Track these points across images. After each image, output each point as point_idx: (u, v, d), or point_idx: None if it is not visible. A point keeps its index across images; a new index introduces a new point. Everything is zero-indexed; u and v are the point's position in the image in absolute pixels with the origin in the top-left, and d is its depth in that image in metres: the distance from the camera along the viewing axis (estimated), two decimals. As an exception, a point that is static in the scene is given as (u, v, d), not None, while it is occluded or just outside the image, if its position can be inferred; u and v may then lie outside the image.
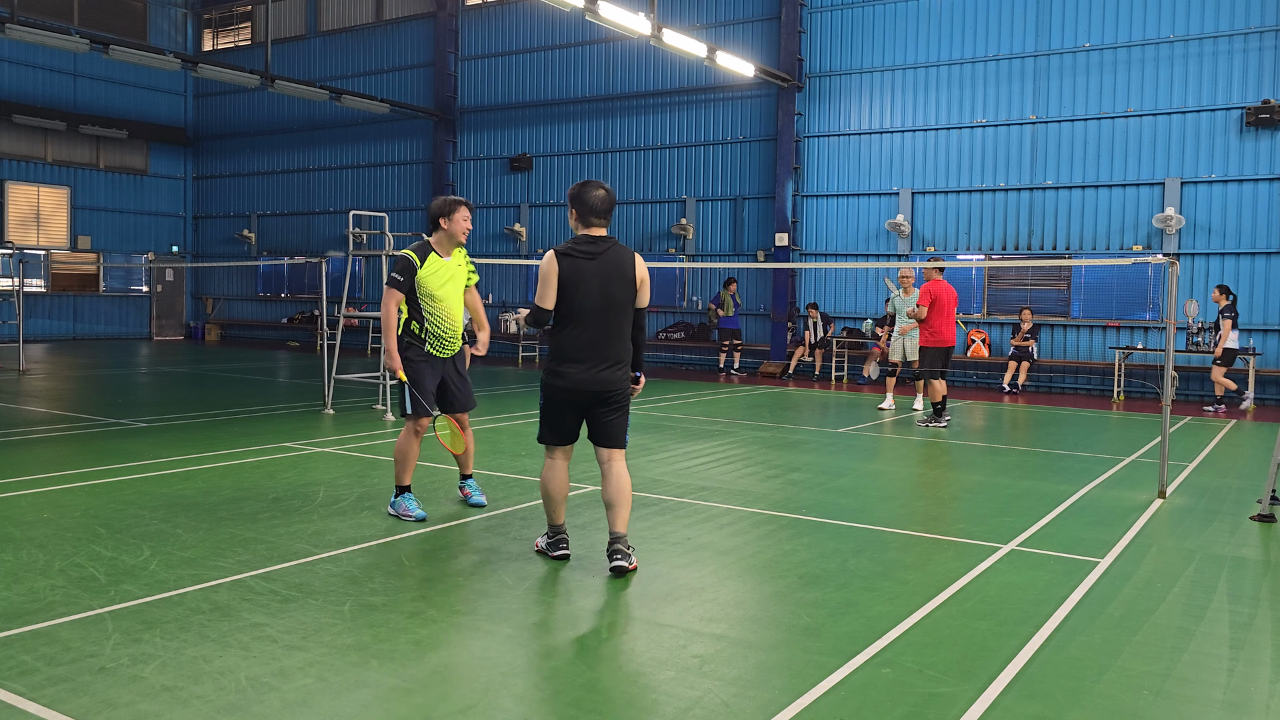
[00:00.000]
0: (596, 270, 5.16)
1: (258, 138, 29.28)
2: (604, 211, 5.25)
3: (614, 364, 5.25)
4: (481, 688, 3.77)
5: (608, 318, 5.20)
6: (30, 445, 9.47)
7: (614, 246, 5.24)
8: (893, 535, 6.46)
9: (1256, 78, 15.91)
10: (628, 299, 5.24)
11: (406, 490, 6.56)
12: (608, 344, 5.22)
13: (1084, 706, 3.72)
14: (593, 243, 5.21)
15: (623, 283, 5.21)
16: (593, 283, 5.15)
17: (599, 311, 5.18)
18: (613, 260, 5.20)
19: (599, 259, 5.18)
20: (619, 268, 5.20)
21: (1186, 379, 16.56)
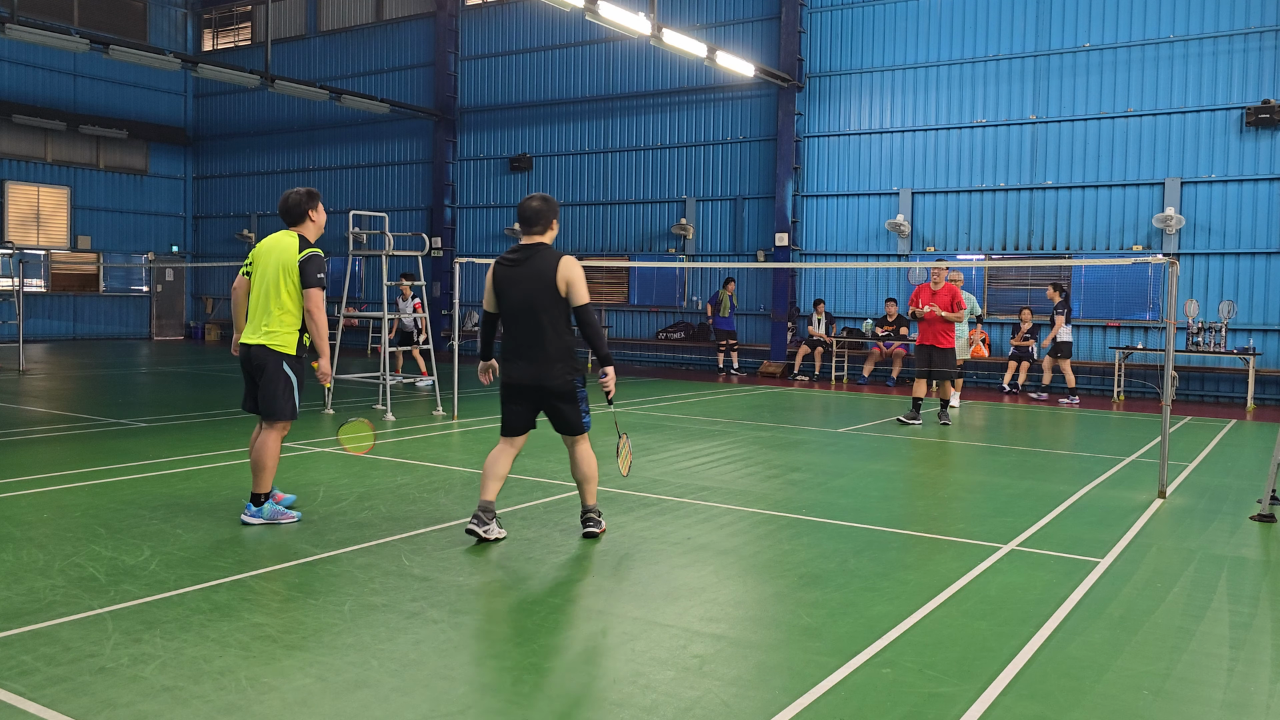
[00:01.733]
0: (520, 276, 5.74)
1: (258, 138, 29.28)
2: (528, 220, 5.81)
3: (547, 360, 5.75)
4: (482, 688, 3.76)
5: (533, 319, 5.72)
6: (30, 445, 9.47)
7: (538, 253, 5.74)
8: (893, 535, 6.46)
9: (1256, 78, 15.91)
10: (551, 301, 5.69)
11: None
12: (537, 343, 5.74)
13: (1084, 706, 3.72)
14: (519, 250, 5.80)
15: (543, 286, 5.68)
16: (517, 288, 5.74)
17: (524, 314, 5.74)
18: (535, 266, 5.71)
19: (523, 266, 5.75)
20: (540, 273, 5.69)
21: (1186, 379, 16.56)
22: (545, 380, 5.77)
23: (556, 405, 5.84)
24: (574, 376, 5.83)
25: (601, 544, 5.95)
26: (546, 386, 5.78)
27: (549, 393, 5.81)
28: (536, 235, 5.84)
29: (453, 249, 24.67)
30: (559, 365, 5.77)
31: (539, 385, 5.79)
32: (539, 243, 5.83)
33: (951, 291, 12.08)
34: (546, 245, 5.83)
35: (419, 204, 25.62)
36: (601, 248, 22.66)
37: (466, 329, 24.08)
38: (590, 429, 5.96)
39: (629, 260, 21.89)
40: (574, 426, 5.89)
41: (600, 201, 22.68)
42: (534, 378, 5.77)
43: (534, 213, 5.82)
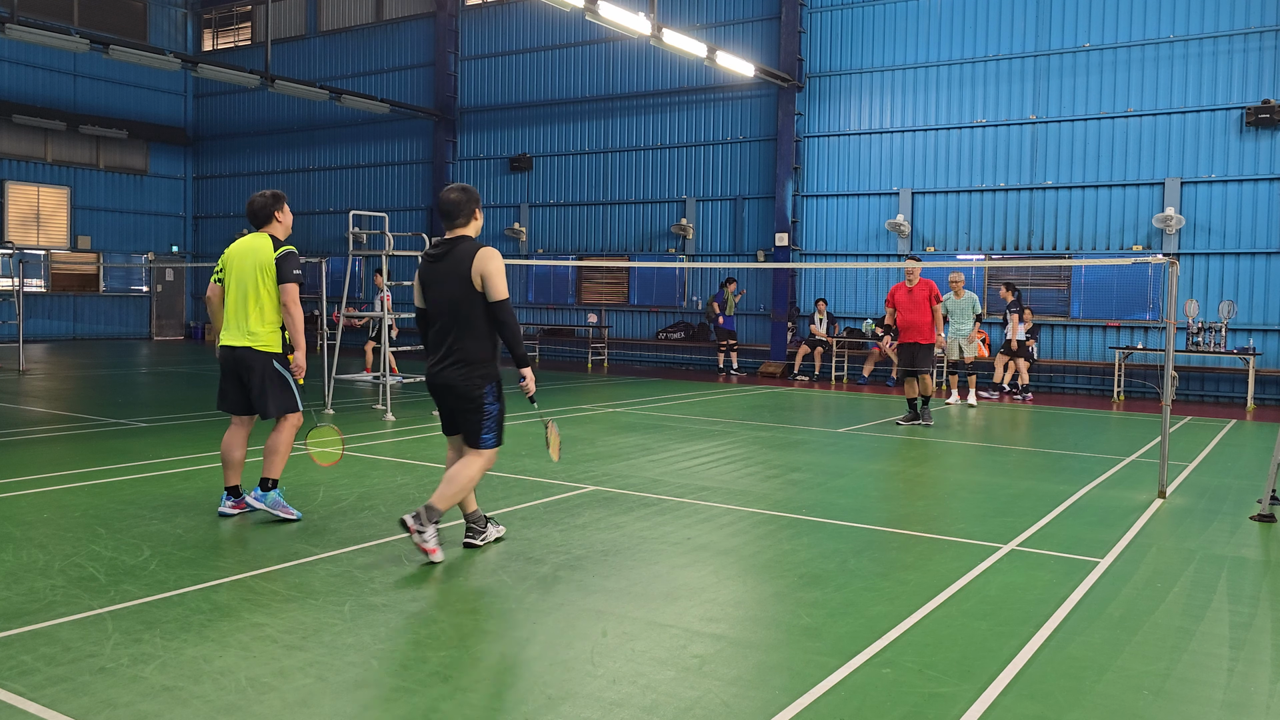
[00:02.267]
0: (441, 271, 5.41)
1: (258, 138, 29.28)
2: (447, 213, 5.47)
3: (456, 362, 5.39)
4: (482, 688, 3.76)
5: (448, 316, 5.40)
6: (30, 445, 9.47)
7: (458, 246, 5.40)
8: (893, 535, 6.46)
9: (1256, 78, 15.91)
10: (465, 296, 5.33)
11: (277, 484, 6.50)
12: (449, 342, 5.41)
13: (1084, 706, 3.72)
14: (441, 244, 5.48)
15: (458, 280, 5.33)
16: (437, 284, 5.43)
17: (442, 311, 5.43)
18: (453, 259, 5.37)
19: (443, 260, 5.41)
20: (456, 266, 5.34)
21: (1186, 379, 16.56)
22: (453, 382, 5.41)
23: (460, 410, 5.48)
24: (484, 384, 5.43)
25: (602, 544, 5.95)
26: (452, 388, 5.43)
27: (454, 395, 5.46)
28: (458, 228, 5.50)
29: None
30: (466, 368, 5.39)
31: (446, 386, 5.45)
32: (460, 235, 5.49)
33: (928, 287, 12.02)
34: (467, 238, 5.48)
35: (419, 204, 25.62)
36: (601, 248, 22.66)
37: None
38: (495, 448, 5.54)
39: (629, 260, 21.89)
40: (473, 438, 5.49)
41: (600, 201, 22.68)
42: (444, 379, 5.45)
43: (453, 204, 5.47)
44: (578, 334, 22.84)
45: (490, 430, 5.50)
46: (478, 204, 5.56)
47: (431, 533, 5.36)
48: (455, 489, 5.44)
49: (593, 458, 9.13)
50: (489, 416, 5.48)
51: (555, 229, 23.44)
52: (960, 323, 14.53)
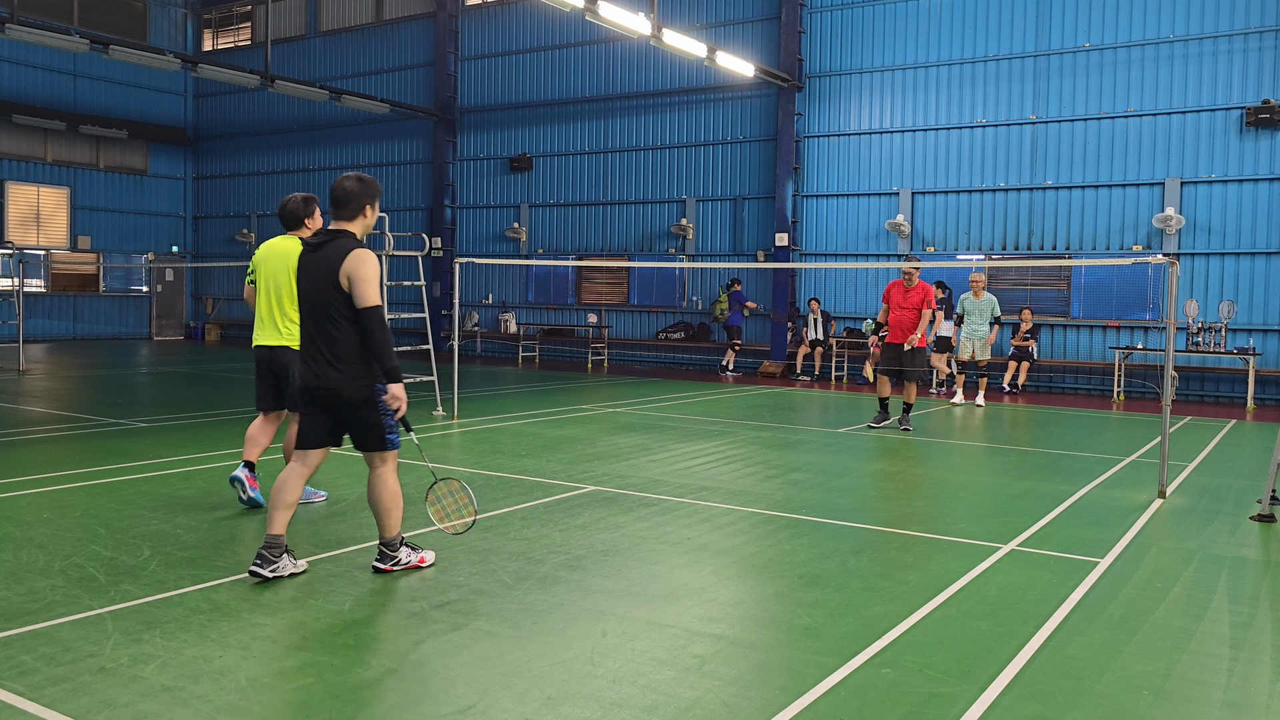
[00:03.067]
0: (314, 264, 4.98)
1: (258, 138, 29.28)
2: (336, 202, 5.02)
3: (329, 362, 4.95)
4: (481, 688, 3.77)
5: (315, 314, 4.99)
6: (30, 445, 9.47)
7: (334, 241, 4.96)
8: (893, 535, 6.46)
9: (1256, 78, 15.91)
10: (331, 296, 4.90)
11: None
12: (320, 341, 4.97)
13: (1084, 706, 3.72)
14: (320, 235, 5.05)
15: (326, 279, 4.90)
16: (308, 277, 5.00)
17: (310, 307, 5.01)
18: (327, 254, 4.93)
19: (319, 252, 4.98)
20: (328, 263, 4.91)
21: (1186, 379, 16.56)
22: (330, 384, 4.95)
23: (350, 414, 5.03)
24: (373, 381, 4.97)
25: (602, 544, 5.95)
26: (335, 390, 4.96)
27: (340, 398, 4.98)
28: (344, 221, 5.02)
29: (453, 249, 24.67)
30: (352, 366, 4.95)
31: (322, 388, 4.97)
32: (342, 229, 5.01)
33: (924, 291, 11.66)
34: (348, 234, 4.99)
35: (419, 204, 25.62)
36: (601, 248, 22.67)
37: (466, 329, 24.09)
38: (397, 448, 5.14)
39: (629, 260, 21.89)
40: (374, 441, 5.07)
41: (600, 201, 22.68)
42: (318, 380, 4.97)
43: (344, 194, 4.99)
44: (578, 334, 22.84)
45: (393, 430, 5.11)
46: (373, 199, 5.08)
47: (406, 553, 5.24)
48: (394, 510, 5.12)
49: (593, 458, 9.13)
50: (387, 413, 5.04)
51: (555, 229, 23.44)
52: (978, 323, 14.45)
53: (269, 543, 5.03)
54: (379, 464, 5.12)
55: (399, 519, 5.18)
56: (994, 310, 14.44)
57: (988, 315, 14.44)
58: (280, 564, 5.04)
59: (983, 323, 14.45)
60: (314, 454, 5.15)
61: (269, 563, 4.99)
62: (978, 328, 14.47)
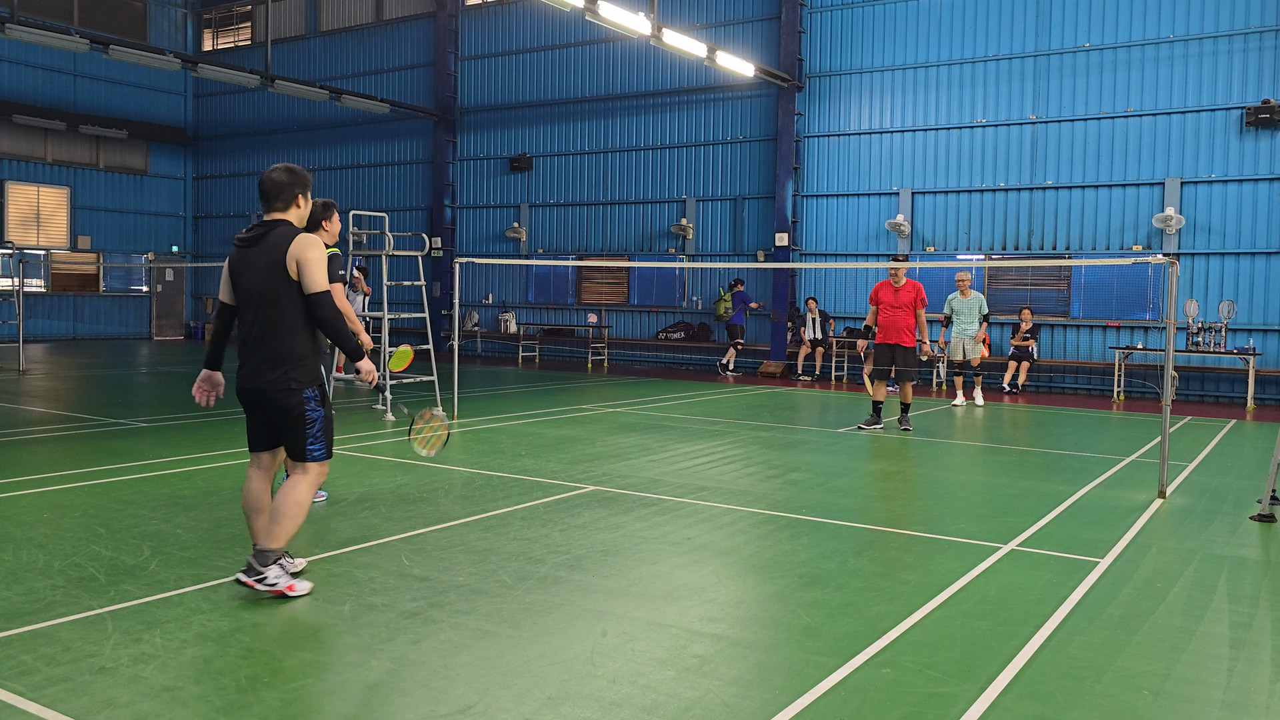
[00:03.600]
0: (252, 258, 4.76)
1: (258, 138, 29.28)
2: (267, 195, 4.84)
3: (270, 362, 4.73)
4: (481, 688, 3.77)
5: (259, 309, 4.74)
6: (30, 445, 9.47)
7: (273, 231, 4.76)
8: (893, 535, 6.46)
9: (1256, 78, 15.91)
10: (278, 287, 4.69)
11: None
12: (261, 339, 4.75)
13: (1084, 706, 3.72)
14: (255, 228, 4.84)
15: (271, 268, 4.69)
16: (249, 272, 4.77)
17: (252, 303, 4.77)
18: (266, 245, 4.73)
19: (256, 245, 4.77)
20: (270, 253, 4.70)
21: (1186, 379, 16.56)
22: (263, 384, 4.74)
23: (276, 421, 4.81)
24: (302, 387, 4.75)
25: (602, 544, 5.95)
26: (265, 393, 4.75)
27: (268, 402, 4.77)
28: (277, 212, 4.84)
29: (453, 249, 24.67)
30: (282, 370, 4.72)
31: (260, 391, 4.76)
32: (279, 219, 4.83)
33: (915, 290, 11.56)
34: (286, 223, 4.82)
35: (419, 204, 25.62)
36: (601, 248, 22.67)
37: (466, 329, 24.08)
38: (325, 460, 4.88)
39: (629, 260, 21.89)
40: (294, 450, 4.82)
41: (600, 201, 22.68)
42: (257, 382, 4.75)
43: (274, 185, 4.82)
44: (578, 334, 22.83)
45: (317, 440, 4.82)
46: (304, 189, 4.92)
47: (275, 572, 4.73)
48: (288, 520, 4.75)
49: (593, 458, 9.13)
50: (312, 424, 4.79)
51: (555, 229, 23.44)
52: (966, 323, 14.39)
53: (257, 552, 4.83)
54: (300, 471, 4.83)
55: (289, 534, 4.77)
56: (981, 308, 14.35)
57: (975, 314, 14.34)
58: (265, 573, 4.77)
59: (971, 322, 14.36)
60: (264, 456, 4.97)
61: (254, 571, 4.76)
62: (966, 327, 14.39)
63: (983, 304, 14.42)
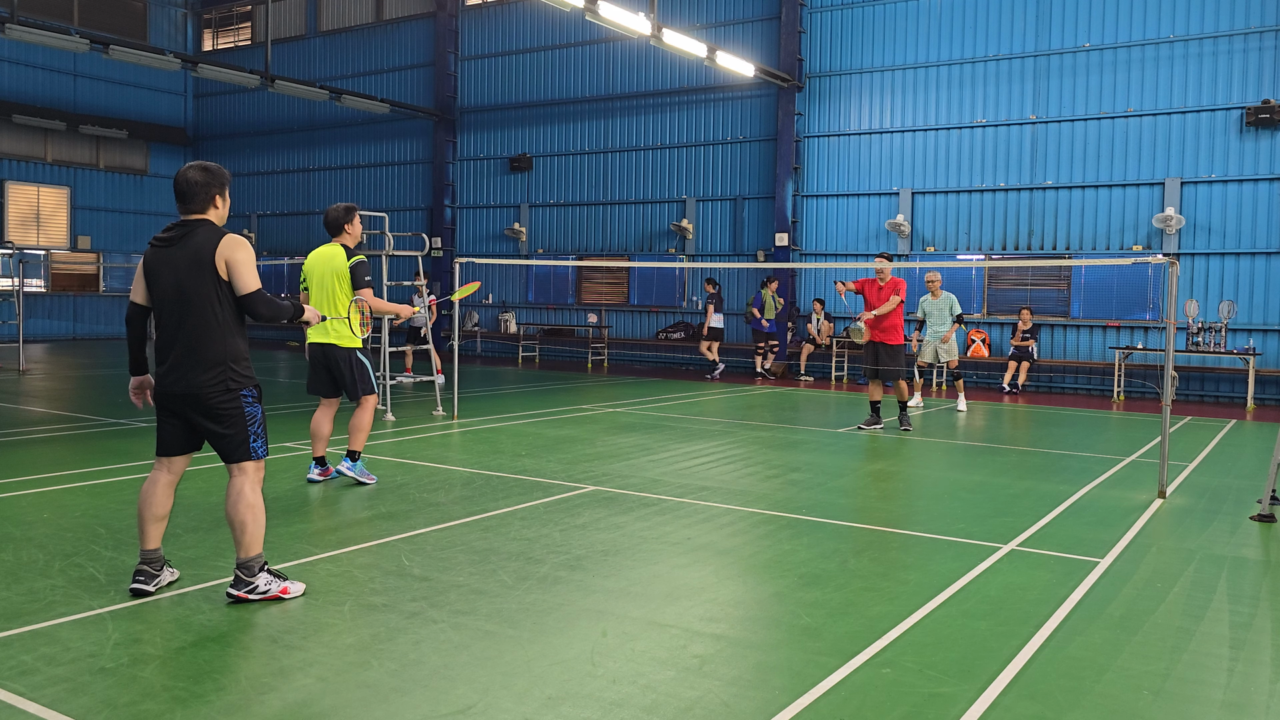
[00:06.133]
0: (172, 258, 4.63)
1: (258, 138, 29.28)
2: (183, 196, 4.69)
3: (199, 365, 4.63)
4: (481, 688, 3.77)
5: (184, 311, 4.63)
6: (30, 445, 9.47)
7: (196, 231, 4.64)
8: (893, 535, 6.46)
9: (1256, 78, 15.91)
10: (208, 289, 4.59)
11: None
12: (188, 341, 4.64)
13: (1084, 706, 3.72)
14: (174, 228, 4.71)
15: (196, 269, 4.58)
16: (168, 273, 4.64)
17: (173, 305, 4.65)
18: (189, 246, 4.61)
19: (176, 246, 4.64)
20: (195, 254, 4.59)
21: (1186, 379, 16.56)
22: (198, 389, 4.64)
23: (208, 424, 4.71)
24: (238, 387, 4.68)
25: (602, 544, 5.95)
26: (195, 396, 4.65)
27: (200, 406, 4.67)
28: (195, 213, 4.69)
29: (453, 249, 24.67)
30: (213, 371, 4.63)
31: (188, 395, 4.66)
32: (199, 219, 4.70)
33: (895, 285, 11.54)
34: (208, 223, 4.69)
35: (419, 204, 25.61)
36: (601, 248, 22.67)
37: (466, 329, 24.08)
38: (263, 458, 4.84)
39: (629, 260, 21.89)
40: (233, 451, 4.73)
41: (600, 201, 22.69)
42: (184, 386, 4.65)
43: (189, 185, 4.65)
44: (578, 334, 22.83)
45: (260, 438, 4.78)
46: (222, 188, 4.76)
47: (265, 579, 4.72)
48: (251, 526, 4.69)
49: (593, 458, 9.13)
50: (253, 419, 4.74)
51: (555, 229, 23.44)
52: (938, 324, 14.02)
53: (145, 559, 4.80)
54: (238, 474, 4.74)
55: (259, 538, 4.72)
56: (953, 309, 13.99)
57: (947, 315, 13.99)
58: (161, 576, 4.82)
59: (943, 323, 14.00)
60: (178, 461, 4.90)
61: (152, 577, 4.78)
62: (939, 329, 14.04)
63: (954, 304, 14.02)
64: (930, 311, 14.12)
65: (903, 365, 11.78)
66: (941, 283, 14.22)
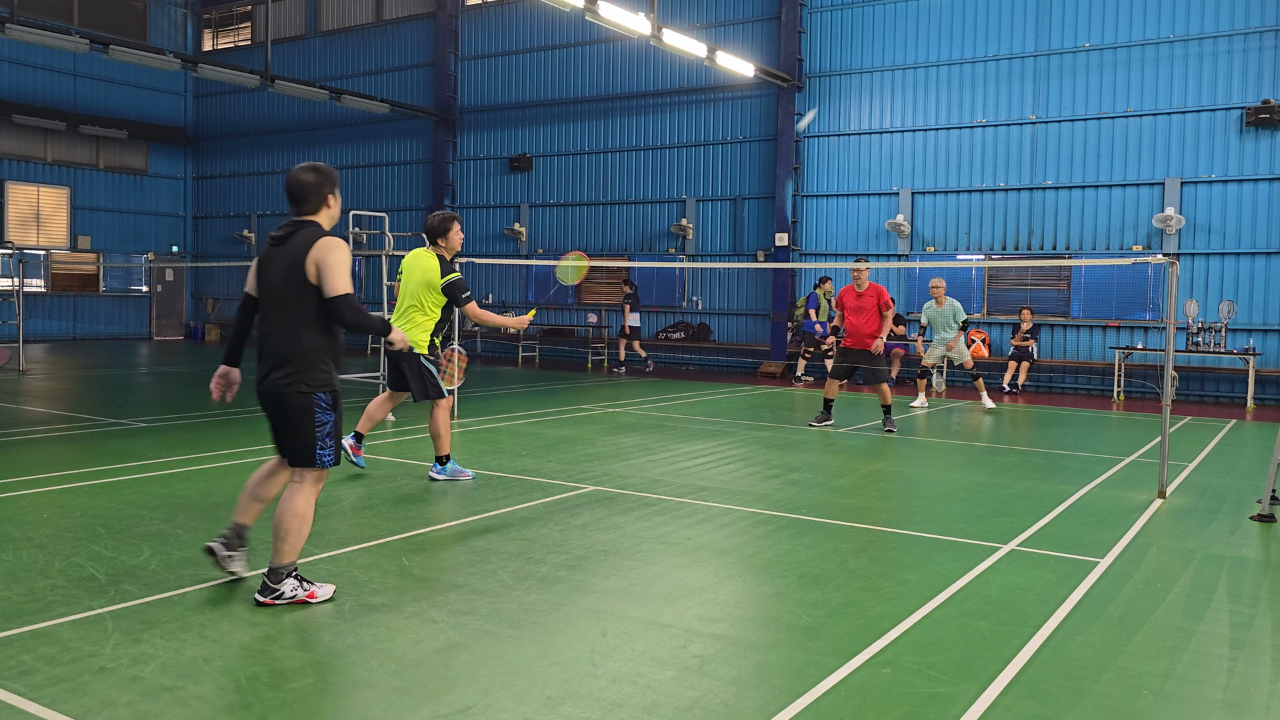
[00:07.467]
0: (279, 257, 4.68)
1: (258, 138, 29.28)
2: (295, 198, 4.77)
3: (277, 364, 4.63)
4: (481, 688, 3.76)
5: (275, 309, 4.68)
6: (30, 445, 9.47)
7: (300, 231, 4.69)
8: (893, 535, 6.45)
9: (1256, 78, 15.91)
10: (295, 288, 4.61)
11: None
12: (273, 339, 4.67)
13: (1084, 706, 3.72)
14: (285, 226, 4.79)
15: (292, 269, 4.61)
16: (273, 270, 4.69)
17: (271, 303, 4.70)
18: (291, 246, 4.65)
19: (283, 244, 4.69)
20: (294, 253, 4.62)
21: (1186, 379, 16.56)
22: (270, 386, 4.64)
23: (281, 423, 4.70)
24: (310, 390, 4.63)
25: (602, 544, 5.95)
26: (272, 394, 4.66)
27: (275, 404, 4.67)
28: (308, 214, 4.77)
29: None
30: (290, 370, 4.61)
31: (265, 392, 4.68)
32: (307, 220, 4.76)
33: (878, 294, 11.53)
34: (315, 224, 4.75)
35: (419, 204, 25.61)
36: (601, 248, 22.67)
37: (466, 329, 24.07)
38: (326, 467, 4.74)
39: (629, 260, 21.89)
40: (297, 455, 4.69)
41: (600, 201, 22.68)
42: (264, 382, 4.68)
43: (301, 188, 4.73)
44: (578, 334, 22.83)
45: (327, 445, 4.70)
46: (333, 188, 4.83)
47: (291, 585, 4.66)
48: (292, 535, 4.64)
49: (593, 458, 9.13)
50: (323, 425, 4.67)
51: (555, 229, 23.44)
52: (945, 330, 13.85)
53: (233, 527, 4.92)
54: (297, 480, 4.73)
55: (297, 548, 4.69)
56: (956, 315, 13.77)
57: (952, 322, 13.78)
58: (235, 555, 4.91)
59: (949, 330, 13.81)
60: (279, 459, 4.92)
61: (227, 544, 4.89)
62: (946, 335, 13.85)
63: (958, 311, 13.80)
64: (934, 319, 13.94)
65: (883, 367, 11.85)
66: (945, 289, 14.01)
